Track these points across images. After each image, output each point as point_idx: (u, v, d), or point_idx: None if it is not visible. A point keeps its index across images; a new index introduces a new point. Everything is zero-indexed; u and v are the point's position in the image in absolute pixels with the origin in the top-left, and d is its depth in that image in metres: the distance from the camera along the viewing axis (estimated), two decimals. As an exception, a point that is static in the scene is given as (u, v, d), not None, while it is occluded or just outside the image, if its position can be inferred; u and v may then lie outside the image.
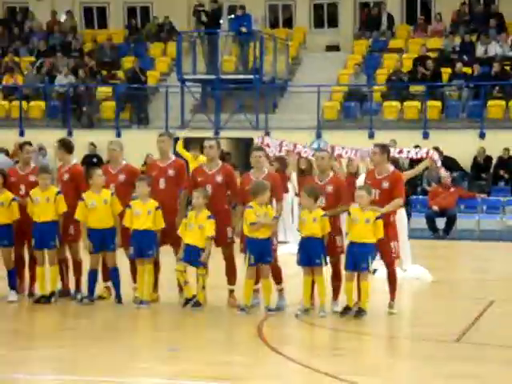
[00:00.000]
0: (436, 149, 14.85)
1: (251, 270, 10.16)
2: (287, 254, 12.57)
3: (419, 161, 13.44)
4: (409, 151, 13.45)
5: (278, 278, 10.39)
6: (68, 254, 10.95)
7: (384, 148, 10.36)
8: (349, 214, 10.01)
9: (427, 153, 13.10)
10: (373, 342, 9.21)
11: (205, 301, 10.48)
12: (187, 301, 10.37)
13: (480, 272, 14.58)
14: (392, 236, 10.06)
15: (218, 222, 10.30)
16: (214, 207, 10.33)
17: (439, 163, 13.69)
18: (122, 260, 10.85)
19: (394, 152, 13.23)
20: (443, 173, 16.54)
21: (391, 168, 10.36)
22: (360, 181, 11.24)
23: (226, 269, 10.60)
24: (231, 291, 10.60)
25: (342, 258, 10.17)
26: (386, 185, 10.09)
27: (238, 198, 10.52)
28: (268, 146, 14.88)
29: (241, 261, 10.37)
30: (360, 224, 9.88)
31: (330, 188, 10.18)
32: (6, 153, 21.98)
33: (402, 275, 12.51)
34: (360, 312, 9.91)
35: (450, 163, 21.07)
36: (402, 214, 12.14)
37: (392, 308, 10.20)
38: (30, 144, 11.15)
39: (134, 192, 10.70)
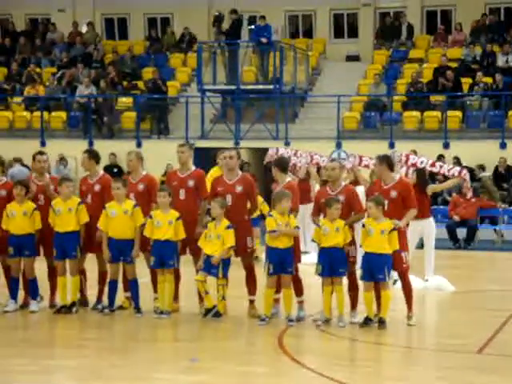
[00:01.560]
0: (464, 167, 14.88)
1: (271, 280, 10.17)
2: (308, 264, 12.54)
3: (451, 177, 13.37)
4: (441, 166, 13.38)
5: (298, 290, 10.38)
6: (95, 264, 10.97)
7: (381, 158, 10.34)
8: (363, 225, 10.01)
9: (460, 172, 13.07)
10: (393, 353, 9.17)
11: (225, 311, 10.50)
12: (207, 311, 10.39)
13: (501, 283, 14.48)
14: (402, 246, 10.04)
15: (238, 232, 10.32)
16: (234, 217, 10.35)
17: (469, 183, 13.85)
18: (144, 269, 10.89)
19: (426, 164, 13.17)
20: (470, 193, 16.49)
21: (397, 176, 10.38)
22: (360, 191, 11.24)
23: (246, 279, 10.61)
24: (251, 301, 10.60)
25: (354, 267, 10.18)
26: (394, 194, 10.12)
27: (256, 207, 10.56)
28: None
29: (262, 270, 10.37)
30: (375, 235, 9.87)
31: (341, 198, 10.19)
32: (22, 163, 22.12)
33: (423, 285, 12.48)
34: (383, 322, 9.88)
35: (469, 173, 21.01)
36: (431, 223, 12.29)
37: (411, 320, 10.16)
38: (41, 153, 11.17)
39: (154, 201, 10.73)
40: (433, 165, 13.35)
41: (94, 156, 11.05)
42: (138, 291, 10.65)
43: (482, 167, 21.10)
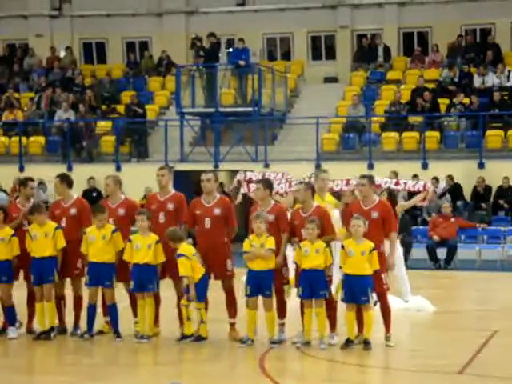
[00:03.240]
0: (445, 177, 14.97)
1: (251, 302, 10.13)
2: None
3: (418, 192, 13.49)
4: (405, 183, 13.49)
5: (281, 312, 10.34)
6: (69, 290, 10.91)
7: (371, 179, 10.39)
8: (342, 246, 10.01)
9: (424, 186, 13.14)
10: (375, 375, 9.15)
11: (206, 334, 10.45)
12: (183, 336, 10.30)
13: (482, 303, 14.52)
14: (382, 267, 10.04)
15: (217, 255, 10.29)
16: (213, 240, 10.32)
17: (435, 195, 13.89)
18: (122, 294, 10.83)
19: (390, 183, 13.27)
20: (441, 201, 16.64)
21: (377, 198, 10.40)
22: (335, 215, 11.22)
23: (227, 301, 10.57)
24: (232, 324, 10.56)
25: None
26: (375, 215, 10.11)
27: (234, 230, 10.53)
28: (249, 181, 14.91)
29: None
30: (356, 256, 9.87)
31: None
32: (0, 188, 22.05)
33: (404, 306, 12.48)
34: (368, 344, 9.86)
35: (457, 191, 21.20)
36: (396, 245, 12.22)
37: (389, 340, 10.14)
38: (32, 180, 11.15)
39: (134, 226, 10.69)
40: (397, 183, 13.45)
41: (65, 180, 10.98)
42: (117, 316, 10.58)
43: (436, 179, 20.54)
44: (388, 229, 10.16)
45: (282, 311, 10.34)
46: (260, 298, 10.14)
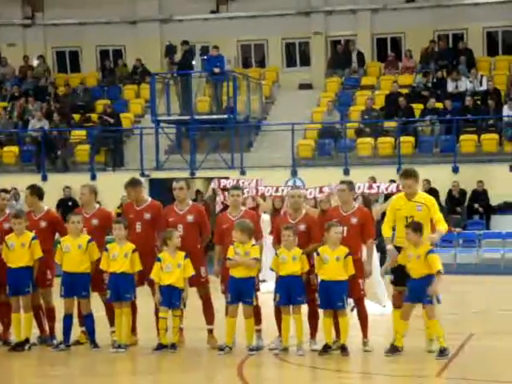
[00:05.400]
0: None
1: (231, 309, 10.13)
2: (266, 292, 12.50)
3: (392, 195, 13.51)
4: (378, 186, 13.53)
5: (256, 319, 10.34)
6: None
7: (351, 184, 10.42)
8: (317, 253, 10.01)
9: (397, 187, 13.18)
10: (353, 380, 9.18)
11: (183, 342, 10.43)
12: (160, 346, 10.27)
13: (458, 306, 14.60)
14: (359, 273, 10.07)
15: (191, 262, 10.27)
16: (187, 247, 10.31)
17: None
18: (98, 303, 10.78)
19: (363, 188, 13.29)
20: None
21: (356, 204, 10.43)
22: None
23: (203, 308, 10.56)
24: (210, 331, 10.54)
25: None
26: (354, 220, 10.12)
27: (215, 237, 10.51)
28: (224, 188, 14.91)
29: (220, 301, 10.33)
30: (331, 262, 9.89)
31: (302, 227, 10.20)
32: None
33: (381, 311, 12.51)
34: (345, 349, 9.87)
35: (433, 196, 21.23)
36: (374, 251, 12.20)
37: (367, 346, 10.17)
38: (6, 191, 11.07)
39: (108, 235, 10.65)
40: (370, 187, 13.49)
41: (36, 192, 10.90)
42: (93, 326, 10.52)
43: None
44: (366, 235, 10.18)
45: (257, 317, 10.34)
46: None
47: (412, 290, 9.84)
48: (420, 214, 9.92)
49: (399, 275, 9.98)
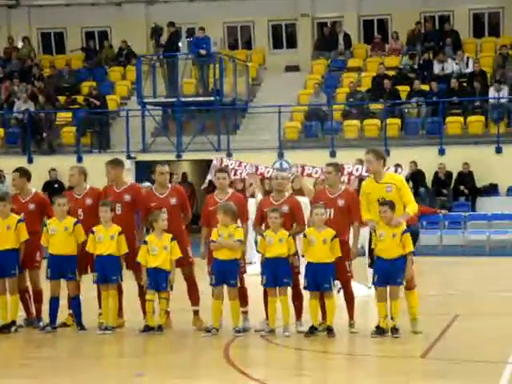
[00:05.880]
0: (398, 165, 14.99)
1: (216, 291, 10.15)
2: (252, 274, 12.53)
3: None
4: (349, 167, 13.50)
5: (243, 301, 10.37)
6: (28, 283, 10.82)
7: (337, 166, 10.44)
8: (305, 235, 10.04)
9: (395, 171, 13.19)
10: (339, 361, 9.22)
11: (169, 324, 10.45)
12: (147, 328, 10.28)
13: (444, 287, 14.69)
14: (346, 255, 10.10)
15: (177, 243, 10.27)
16: (172, 229, 10.32)
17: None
18: (89, 285, 10.79)
19: (362, 171, 13.31)
20: None
21: (342, 186, 10.46)
22: (304, 202, 11.22)
23: (188, 290, 10.59)
24: (195, 312, 10.56)
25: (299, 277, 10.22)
26: (341, 202, 10.15)
27: (202, 220, 10.52)
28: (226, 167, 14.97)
29: (205, 283, 10.35)
30: (317, 245, 9.92)
31: (285, 208, 10.22)
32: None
33: (367, 292, 12.55)
34: (331, 331, 9.92)
35: (420, 177, 21.36)
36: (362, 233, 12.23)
37: (353, 327, 10.22)
38: None
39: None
40: (368, 170, 13.48)
41: (25, 174, 10.85)
42: (79, 308, 10.52)
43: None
44: (353, 217, 10.20)
45: (244, 299, 10.36)
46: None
47: (383, 272, 9.87)
48: (390, 195, 9.95)
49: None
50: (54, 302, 10.49)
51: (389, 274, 9.86)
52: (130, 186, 10.83)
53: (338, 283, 10.52)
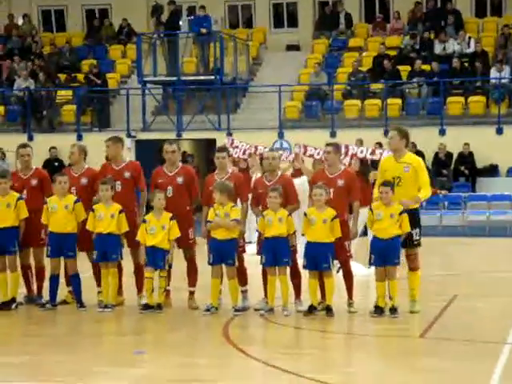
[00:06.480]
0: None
1: (214, 270, 10.18)
2: (251, 254, 12.56)
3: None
4: (381, 153, 13.50)
5: (242, 280, 10.39)
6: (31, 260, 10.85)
7: (337, 147, 10.44)
8: (305, 214, 10.06)
9: (373, 151, 13.24)
10: (337, 340, 9.26)
11: (169, 303, 10.49)
12: (147, 306, 10.31)
13: (443, 267, 14.72)
14: (345, 235, 10.11)
15: (179, 224, 10.29)
16: (175, 209, 10.32)
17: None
18: (85, 263, 10.81)
19: (367, 153, 13.35)
20: None
21: (342, 166, 10.47)
22: (303, 181, 11.24)
23: (187, 270, 10.61)
24: (191, 293, 10.59)
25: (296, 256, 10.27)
26: (341, 182, 10.16)
27: (202, 199, 10.53)
28: (236, 147, 15.03)
29: (205, 264, 10.37)
30: (318, 224, 9.93)
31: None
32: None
33: (366, 272, 12.58)
34: (330, 310, 9.95)
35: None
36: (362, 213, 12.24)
37: (351, 307, 10.27)
38: None
39: (96, 195, 10.64)
40: (373, 152, 13.52)
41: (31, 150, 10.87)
42: (79, 286, 10.55)
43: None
44: (352, 197, 10.21)
45: (243, 278, 10.39)
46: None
47: (379, 252, 9.89)
48: (407, 175, 9.96)
49: None
50: (54, 280, 10.52)
51: (385, 254, 9.89)
52: (130, 163, 10.84)
53: (337, 263, 10.56)
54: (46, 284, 10.71)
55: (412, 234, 10.04)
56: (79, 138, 23.21)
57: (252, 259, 10.77)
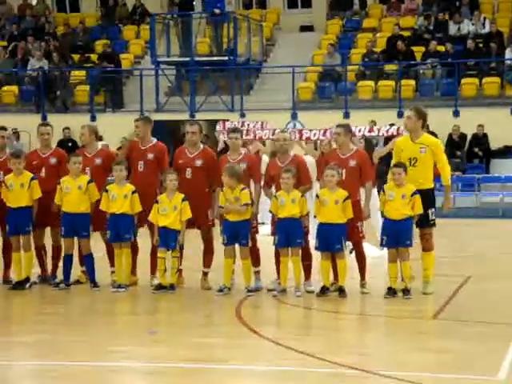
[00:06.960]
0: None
1: (227, 250, 10.21)
2: (264, 235, 12.57)
3: (391, 138, 13.50)
4: (379, 129, 13.50)
5: (255, 261, 10.42)
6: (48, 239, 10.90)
7: (348, 128, 10.42)
8: (317, 196, 10.06)
9: (398, 129, 13.16)
10: (349, 321, 9.28)
11: (182, 283, 10.53)
12: (159, 286, 10.35)
13: (456, 249, 14.70)
14: (357, 216, 10.10)
15: (198, 204, 10.31)
16: (194, 190, 10.35)
17: None
18: (99, 243, 10.85)
19: (364, 131, 13.30)
20: None
21: (354, 147, 10.44)
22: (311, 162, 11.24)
23: (203, 251, 10.65)
24: (205, 273, 10.62)
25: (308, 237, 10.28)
26: (353, 163, 10.15)
27: (218, 180, 10.55)
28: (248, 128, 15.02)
29: (219, 243, 10.40)
30: (330, 205, 9.93)
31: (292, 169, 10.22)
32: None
33: (379, 253, 12.59)
34: (343, 291, 9.97)
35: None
36: (373, 194, 12.22)
37: (364, 287, 10.28)
38: (3, 128, 11.04)
39: (110, 176, 10.68)
40: (370, 130, 13.48)
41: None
42: (93, 266, 10.60)
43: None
44: (364, 178, 10.21)
45: (256, 259, 10.42)
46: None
47: (391, 233, 9.89)
48: (423, 156, 9.94)
49: None
50: (68, 260, 10.58)
51: (397, 235, 9.88)
52: (155, 145, 10.83)
53: (349, 244, 10.56)
54: (61, 264, 10.76)
55: (428, 213, 10.03)
56: (93, 118, 23.25)
57: (264, 240, 10.79)
